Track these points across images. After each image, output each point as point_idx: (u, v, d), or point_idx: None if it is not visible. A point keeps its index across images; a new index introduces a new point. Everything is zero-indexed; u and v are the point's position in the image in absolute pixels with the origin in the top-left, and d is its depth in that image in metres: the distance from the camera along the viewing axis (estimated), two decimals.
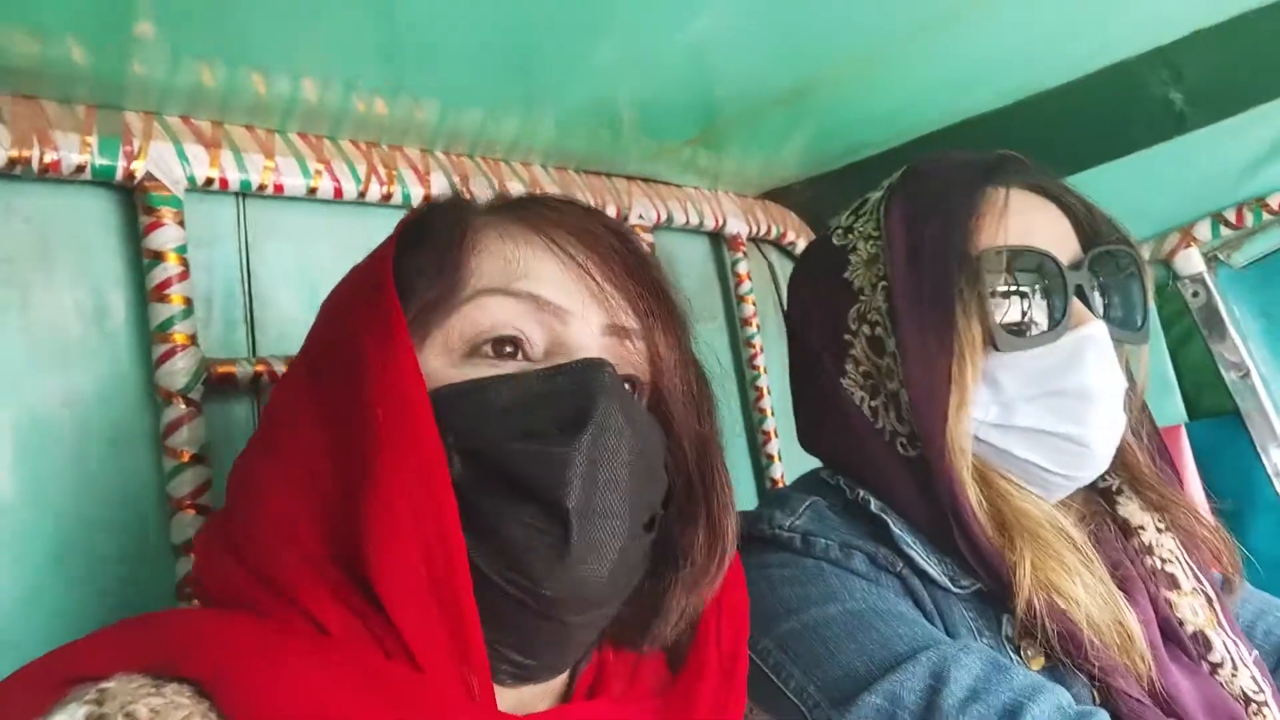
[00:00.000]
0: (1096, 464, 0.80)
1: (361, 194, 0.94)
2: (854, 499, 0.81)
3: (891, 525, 0.78)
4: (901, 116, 1.23)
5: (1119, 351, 0.82)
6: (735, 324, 1.41)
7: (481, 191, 0.67)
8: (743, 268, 1.39)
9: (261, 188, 0.88)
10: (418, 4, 0.73)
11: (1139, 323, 0.82)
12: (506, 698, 0.56)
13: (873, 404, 0.81)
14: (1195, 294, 1.26)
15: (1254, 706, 0.79)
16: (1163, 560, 0.84)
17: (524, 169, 1.09)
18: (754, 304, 1.39)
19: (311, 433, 0.56)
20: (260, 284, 0.91)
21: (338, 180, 0.92)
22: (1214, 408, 1.27)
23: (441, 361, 0.56)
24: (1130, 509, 0.87)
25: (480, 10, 0.75)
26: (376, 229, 0.96)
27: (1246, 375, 1.24)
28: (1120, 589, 0.78)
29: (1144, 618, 0.79)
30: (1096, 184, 1.27)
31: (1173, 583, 0.83)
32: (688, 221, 1.28)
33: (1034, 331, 0.77)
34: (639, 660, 0.62)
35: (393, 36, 0.78)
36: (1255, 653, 0.84)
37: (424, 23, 0.76)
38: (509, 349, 0.57)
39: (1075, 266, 0.78)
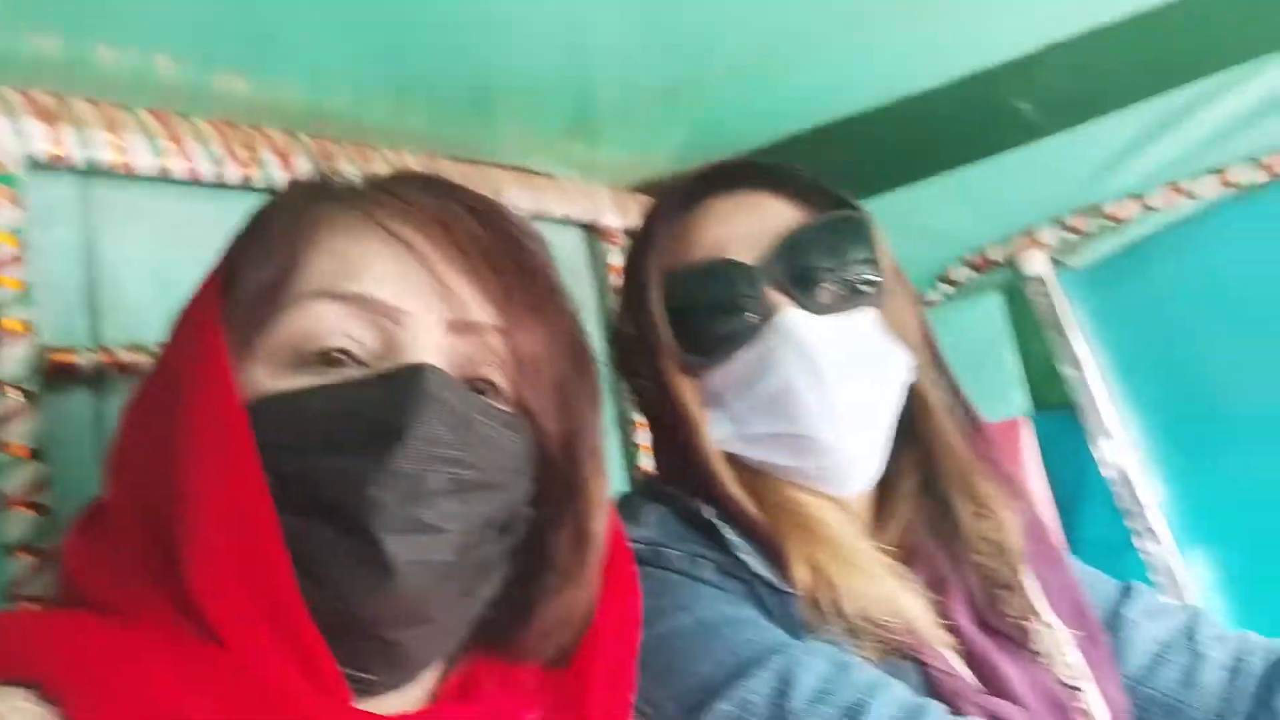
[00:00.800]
0: (838, 454, 0.80)
1: (219, 176, 0.89)
2: (689, 506, 0.82)
3: (724, 532, 0.79)
4: (777, 116, 1.26)
5: (890, 315, 0.83)
6: (608, 317, 1.41)
7: (350, 170, 0.63)
8: (616, 260, 1.39)
9: (108, 166, 0.82)
10: None
11: (869, 285, 0.81)
12: (363, 705, 0.54)
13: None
14: (1039, 294, 1.34)
15: (1073, 692, 0.84)
16: (982, 554, 0.87)
17: (394, 156, 1.06)
18: None
19: (141, 441, 0.54)
20: (107, 269, 0.85)
21: (192, 160, 0.87)
22: (1054, 401, 1.35)
23: (266, 371, 0.53)
24: (955, 497, 0.88)
25: None
26: (236, 214, 0.92)
27: (1083, 371, 1.32)
28: (934, 589, 0.82)
29: (954, 615, 0.82)
30: (953, 186, 1.34)
31: (994, 578, 0.87)
32: (561, 213, 1.27)
33: (727, 341, 0.79)
34: (514, 664, 0.61)
35: (254, 12, 0.75)
36: (1078, 633, 0.89)
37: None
38: (337, 356, 0.53)
39: (768, 260, 0.79)
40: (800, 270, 0.79)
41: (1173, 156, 1.24)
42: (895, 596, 0.78)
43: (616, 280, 1.39)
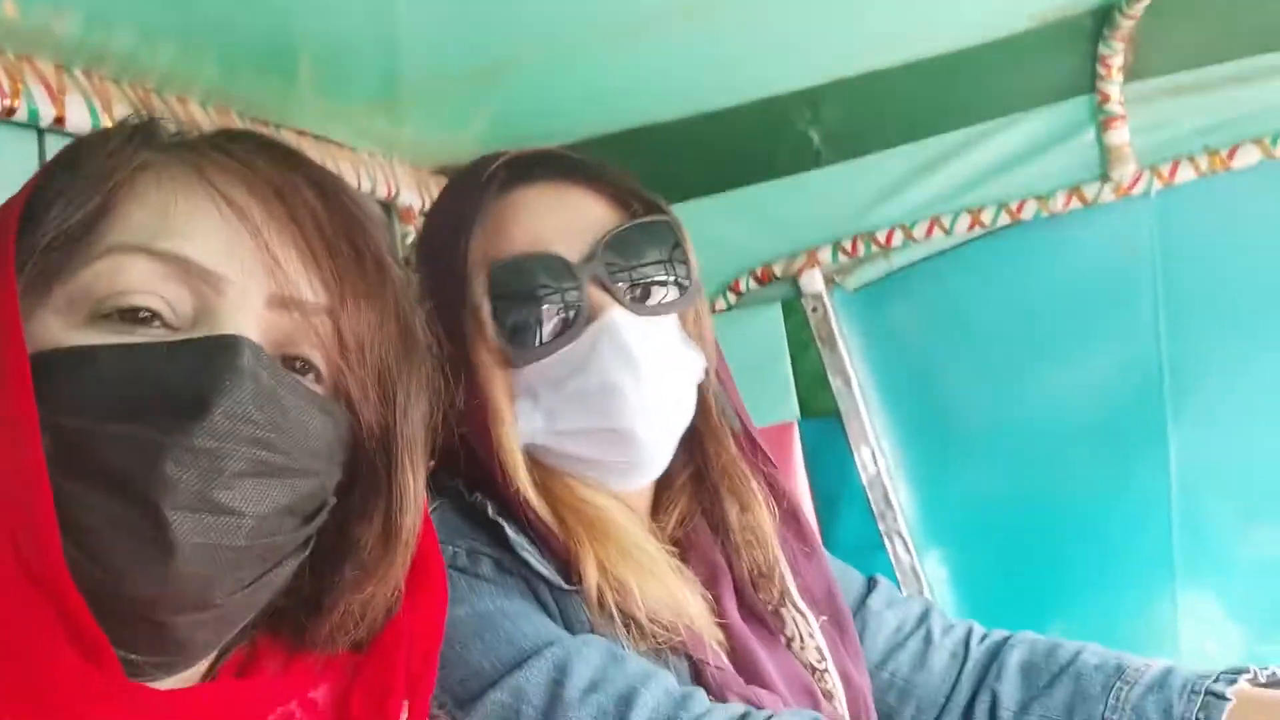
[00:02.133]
0: (648, 449, 0.83)
1: None
2: (471, 502, 0.82)
3: (507, 530, 0.80)
4: (581, 114, 1.29)
5: (689, 319, 0.86)
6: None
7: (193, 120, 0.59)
8: (412, 241, 1.37)
9: None
10: None
11: (681, 289, 0.84)
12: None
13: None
14: (815, 309, 1.43)
15: (818, 674, 0.91)
16: (746, 544, 0.92)
17: (180, 105, 1.00)
18: None
19: None
20: None
21: None
22: (821, 409, 1.45)
23: (60, 321, 0.49)
24: (724, 492, 0.93)
25: None
26: None
27: (848, 383, 1.43)
28: (705, 581, 0.86)
29: (723, 605, 0.87)
30: (744, 203, 1.42)
31: (756, 569, 0.92)
32: (359, 187, 1.24)
33: (550, 336, 0.79)
34: (298, 648, 0.58)
35: None
36: (824, 618, 0.95)
37: None
38: (144, 316, 0.50)
39: (590, 258, 0.80)
40: (622, 270, 0.81)
41: (935, 195, 1.37)
42: (679, 597, 0.81)
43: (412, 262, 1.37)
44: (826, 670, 0.91)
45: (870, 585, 1.08)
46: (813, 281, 1.42)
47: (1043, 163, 1.33)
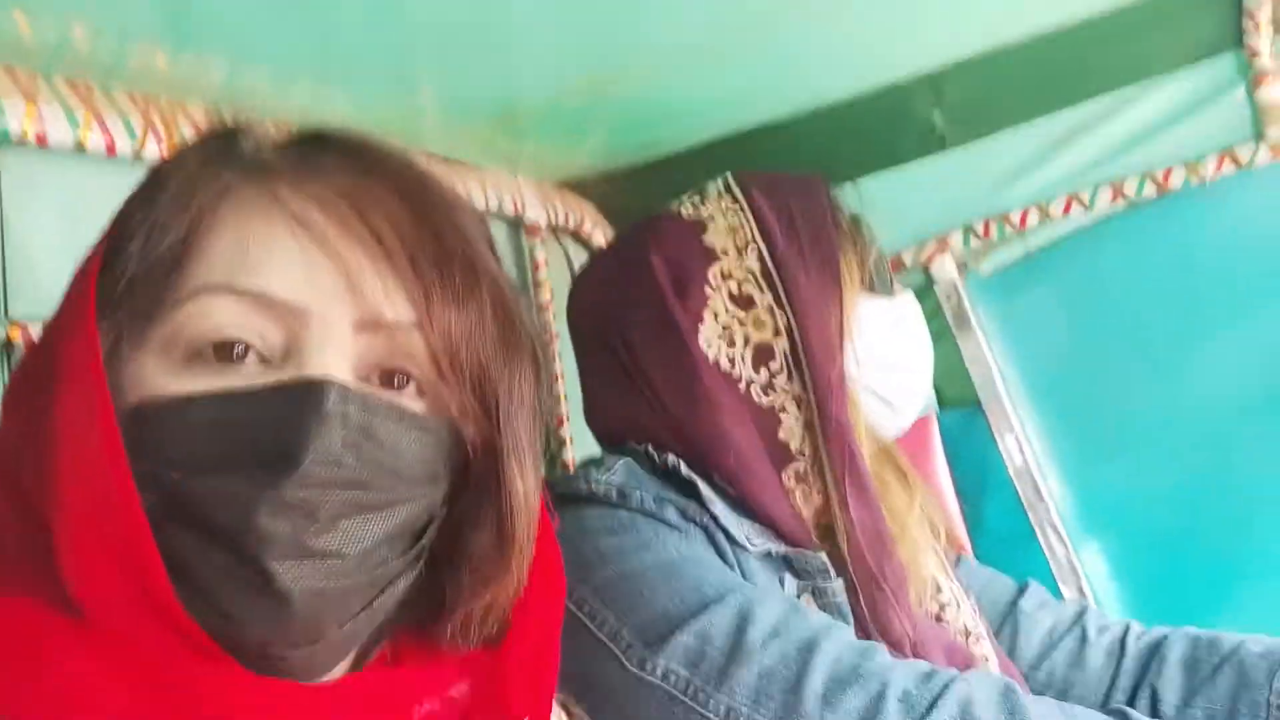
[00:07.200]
0: (915, 413, 0.95)
1: (138, 151, 0.89)
2: (663, 464, 0.86)
3: (700, 486, 0.84)
4: (696, 118, 1.29)
5: None
6: (531, 311, 1.42)
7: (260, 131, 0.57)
8: (540, 255, 1.41)
9: (22, 137, 0.81)
10: None
11: None
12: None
13: (730, 353, 0.88)
14: (948, 297, 1.39)
15: (973, 637, 0.92)
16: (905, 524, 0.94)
17: None
18: (551, 290, 1.42)
19: (13, 422, 0.51)
20: (17, 241, 0.84)
21: (110, 134, 0.86)
22: (960, 399, 1.40)
23: (158, 364, 0.49)
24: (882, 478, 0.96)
25: None
26: None
27: (988, 371, 1.38)
28: None
29: None
30: (868, 192, 1.37)
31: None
32: (486, 205, 1.28)
33: (884, 290, 0.94)
34: (439, 644, 0.58)
35: None
36: (973, 597, 0.97)
37: None
38: (237, 352, 0.49)
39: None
40: None
41: (1071, 169, 1.31)
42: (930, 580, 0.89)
43: (541, 273, 1.41)
44: (981, 636, 0.91)
45: (1021, 589, 1.08)
46: (944, 268, 1.38)
47: (1189, 127, 1.24)
